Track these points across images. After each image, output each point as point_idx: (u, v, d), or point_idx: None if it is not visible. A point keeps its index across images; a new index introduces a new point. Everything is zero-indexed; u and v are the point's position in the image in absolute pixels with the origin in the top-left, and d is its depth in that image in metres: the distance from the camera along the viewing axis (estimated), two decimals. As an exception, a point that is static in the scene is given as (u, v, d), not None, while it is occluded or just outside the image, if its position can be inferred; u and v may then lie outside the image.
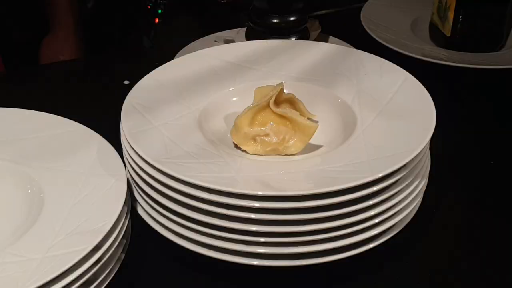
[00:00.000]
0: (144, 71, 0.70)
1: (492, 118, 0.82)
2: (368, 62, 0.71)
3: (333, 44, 0.75)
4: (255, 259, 0.56)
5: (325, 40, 0.93)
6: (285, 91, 0.64)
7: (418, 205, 0.62)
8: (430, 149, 0.63)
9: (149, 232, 0.60)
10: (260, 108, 0.62)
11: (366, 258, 0.59)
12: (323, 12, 1.08)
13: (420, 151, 0.57)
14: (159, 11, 1.34)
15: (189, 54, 0.73)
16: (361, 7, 1.02)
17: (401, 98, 0.65)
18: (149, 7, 1.35)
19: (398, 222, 0.59)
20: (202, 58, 0.72)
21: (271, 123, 0.62)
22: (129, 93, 0.65)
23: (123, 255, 0.57)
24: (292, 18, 0.83)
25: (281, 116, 0.62)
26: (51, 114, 0.67)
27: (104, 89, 0.88)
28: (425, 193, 0.63)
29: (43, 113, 0.68)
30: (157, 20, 1.34)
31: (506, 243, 0.63)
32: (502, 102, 0.85)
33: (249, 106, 0.63)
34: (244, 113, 0.62)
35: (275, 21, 0.83)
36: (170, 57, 0.90)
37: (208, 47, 0.75)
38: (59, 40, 1.13)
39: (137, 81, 0.68)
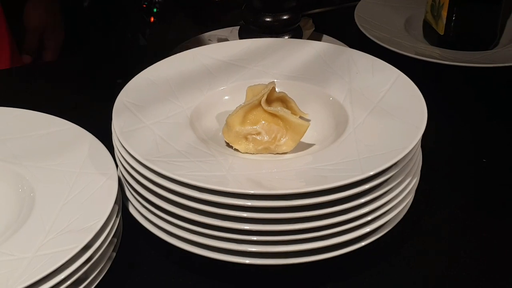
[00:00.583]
0: (137, 70, 0.70)
1: (485, 116, 0.82)
2: (360, 61, 0.71)
3: (325, 43, 0.75)
4: (247, 258, 0.56)
5: (319, 39, 0.93)
6: (277, 89, 0.64)
7: (410, 203, 0.62)
8: (422, 147, 0.64)
9: (140, 231, 0.60)
10: (251, 106, 0.62)
11: (358, 256, 0.59)
12: (316, 10, 1.07)
13: (411, 149, 0.57)
14: (155, 10, 1.34)
15: (181, 53, 0.73)
16: (354, 6, 1.02)
17: (393, 97, 0.65)
18: (144, 5, 1.35)
19: (390, 220, 0.59)
20: (194, 56, 0.72)
21: (263, 122, 0.62)
22: (121, 92, 0.65)
23: (114, 254, 0.57)
24: (285, 17, 0.83)
25: (273, 115, 0.62)
26: (42, 113, 0.67)
27: (97, 88, 0.88)
28: (416, 191, 0.63)
29: (35, 111, 0.67)
30: (152, 19, 1.34)
31: (499, 241, 0.63)
32: (495, 101, 0.85)
33: (240, 104, 0.63)
34: (236, 112, 0.62)
35: (268, 19, 0.83)
36: (164, 56, 0.90)
37: (201, 46, 0.75)
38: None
39: (130, 80, 0.68)
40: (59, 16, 1.14)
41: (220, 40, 0.93)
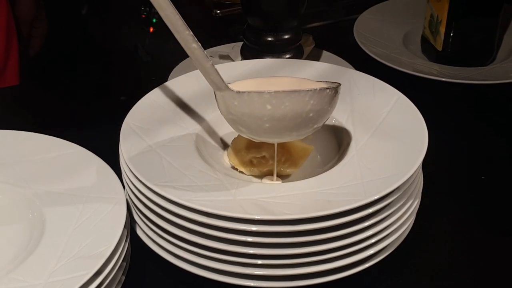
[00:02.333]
0: (140, 86, 0.70)
1: (483, 133, 0.83)
2: (361, 81, 0.72)
3: (326, 63, 0.76)
4: (252, 281, 0.58)
5: (319, 55, 0.94)
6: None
7: (412, 223, 0.63)
8: (422, 165, 0.64)
9: (149, 254, 0.61)
10: (255, 130, 0.63)
11: (362, 278, 0.60)
12: (315, 24, 1.09)
13: (414, 172, 0.59)
14: (154, 20, 1.34)
15: (185, 74, 0.74)
16: (354, 19, 1.04)
17: (394, 118, 0.66)
18: (143, 16, 1.36)
19: (392, 242, 0.60)
20: (199, 78, 0.72)
21: (267, 145, 0.63)
22: (127, 115, 0.66)
23: (124, 278, 0.58)
24: (286, 36, 0.84)
25: (277, 138, 0.63)
26: (49, 136, 0.68)
27: (101, 107, 0.88)
28: (418, 211, 0.64)
29: (41, 135, 0.68)
30: (151, 29, 1.35)
31: (501, 260, 0.64)
32: (493, 117, 0.86)
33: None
34: (240, 135, 0.63)
35: (269, 39, 0.84)
36: (165, 71, 0.91)
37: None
38: None
39: (133, 97, 0.69)
40: (43, 8, 1.23)
41: (222, 56, 0.94)
